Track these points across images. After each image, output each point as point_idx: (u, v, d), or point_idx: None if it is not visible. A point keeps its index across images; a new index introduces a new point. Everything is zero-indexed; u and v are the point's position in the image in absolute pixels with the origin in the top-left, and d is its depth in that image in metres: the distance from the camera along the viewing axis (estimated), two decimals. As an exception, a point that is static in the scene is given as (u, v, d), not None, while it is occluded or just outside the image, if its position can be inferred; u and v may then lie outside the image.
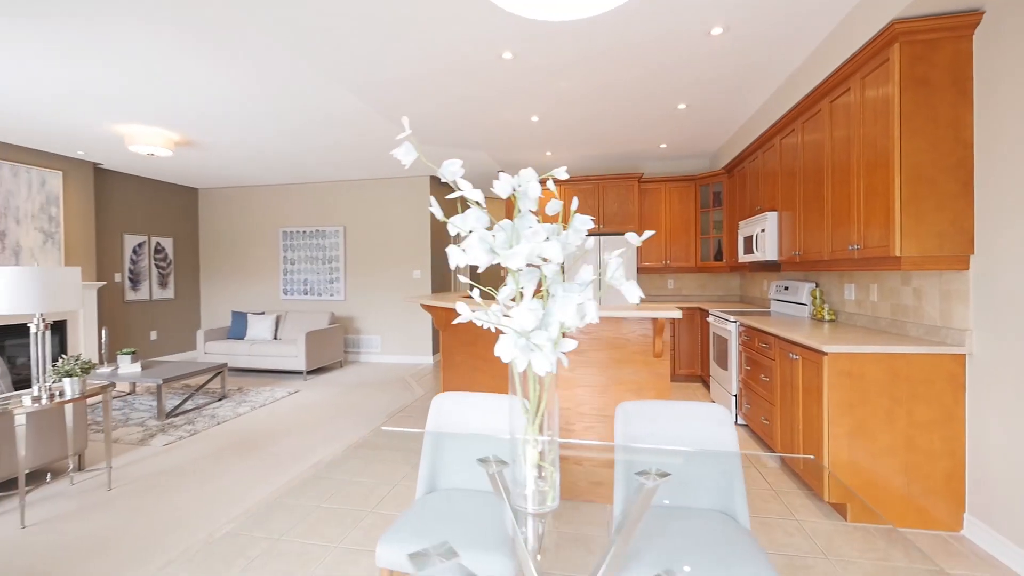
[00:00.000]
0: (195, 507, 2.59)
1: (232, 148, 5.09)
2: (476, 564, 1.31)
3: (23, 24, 2.58)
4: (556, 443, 1.18)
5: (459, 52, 2.96)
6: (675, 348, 5.34)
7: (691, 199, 5.55)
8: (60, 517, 2.51)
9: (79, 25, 2.59)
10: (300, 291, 7.05)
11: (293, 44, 2.83)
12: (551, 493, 1.13)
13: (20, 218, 4.95)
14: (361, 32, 2.71)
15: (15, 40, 2.75)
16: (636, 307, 2.38)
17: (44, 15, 2.50)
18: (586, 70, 3.23)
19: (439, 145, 5.06)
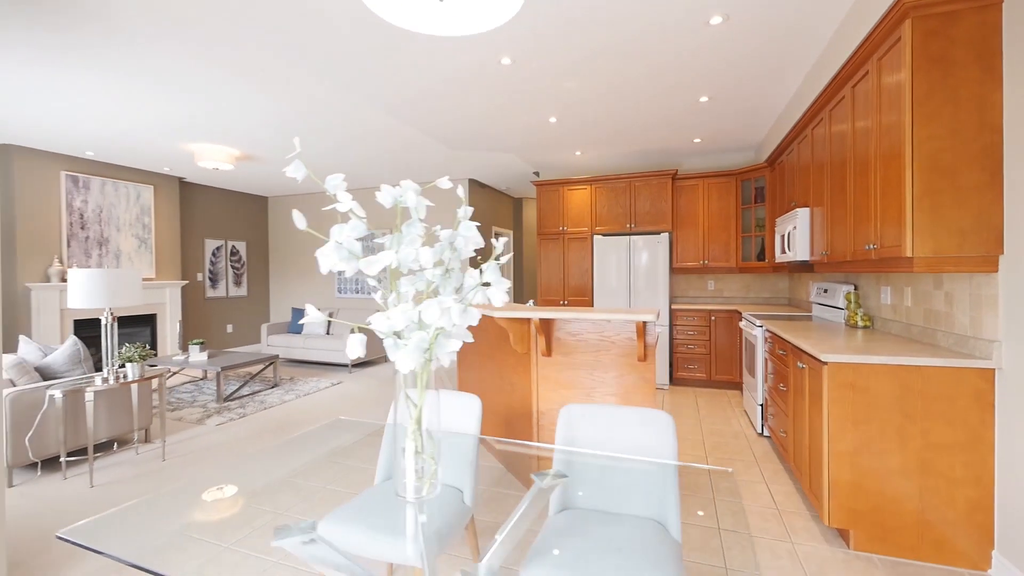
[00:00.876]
0: (227, 479, 2.92)
1: (286, 161, 5.60)
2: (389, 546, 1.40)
3: (116, 72, 3.07)
4: (436, 437, 1.24)
5: (458, 62, 3.06)
6: (711, 353, 5.07)
7: (731, 195, 5.24)
8: (120, 480, 2.96)
9: (159, 67, 3.03)
10: (352, 290, 7.57)
11: (332, 76, 3.09)
12: (429, 483, 1.19)
13: (120, 226, 5.81)
14: (383, 61, 2.90)
15: (117, 83, 3.27)
16: (610, 309, 2.33)
17: (129, 67, 2.95)
18: (589, 69, 3.20)
19: (471, 149, 5.21)
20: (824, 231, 3.10)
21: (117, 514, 1.33)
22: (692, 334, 5.14)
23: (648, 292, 5.06)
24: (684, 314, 5.17)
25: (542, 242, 5.78)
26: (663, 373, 5.03)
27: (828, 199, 3.02)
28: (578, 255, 5.63)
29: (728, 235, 5.26)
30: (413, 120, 4.18)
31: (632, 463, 1.63)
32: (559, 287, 5.71)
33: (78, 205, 5.41)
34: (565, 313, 2.34)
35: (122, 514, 1.37)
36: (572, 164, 5.86)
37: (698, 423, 3.92)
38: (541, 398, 2.64)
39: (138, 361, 3.14)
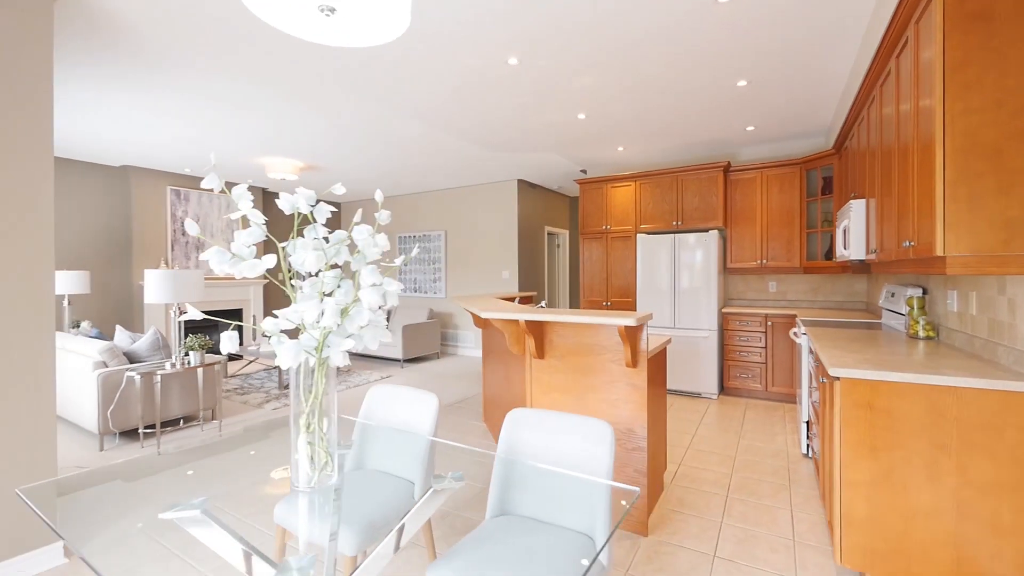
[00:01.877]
0: (263, 458, 3.25)
1: (347, 170, 6.05)
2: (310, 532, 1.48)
3: (201, 101, 3.58)
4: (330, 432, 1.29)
5: (469, 66, 3.10)
6: (767, 361, 4.60)
7: (795, 187, 4.71)
8: (182, 452, 3.42)
9: (233, 96, 3.48)
10: (412, 289, 7.97)
11: (360, 91, 3.33)
12: (318, 475, 1.25)
13: (213, 232, 6.68)
14: (393, 72, 3.05)
15: (201, 111, 3.81)
16: (593, 312, 2.22)
17: (210, 94, 3.42)
18: (602, 66, 3.07)
19: (511, 150, 5.24)
20: (876, 225, 2.68)
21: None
22: (746, 340, 4.71)
23: (696, 294, 4.72)
24: (737, 318, 4.75)
25: (585, 242, 5.64)
26: (710, 382, 4.66)
27: (879, 189, 2.61)
28: (621, 255, 5.42)
29: (791, 231, 4.74)
30: (442, 125, 4.31)
31: (571, 466, 1.55)
32: (602, 288, 5.53)
33: (180, 214, 6.31)
34: (545, 316, 2.28)
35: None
36: (617, 160, 5.65)
37: (737, 438, 3.59)
38: (534, 400, 2.60)
39: (198, 350, 3.60)
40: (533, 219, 7.21)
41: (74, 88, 3.42)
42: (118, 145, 4.93)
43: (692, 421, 3.99)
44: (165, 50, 2.88)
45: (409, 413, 1.97)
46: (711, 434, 3.68)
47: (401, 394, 2.02)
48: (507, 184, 6.90)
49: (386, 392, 2.07)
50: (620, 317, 2.06)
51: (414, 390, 2.00)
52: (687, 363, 4.78)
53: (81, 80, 3.29)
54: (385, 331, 1.46)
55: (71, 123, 4.22)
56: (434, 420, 1.87)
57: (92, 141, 4.78)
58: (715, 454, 3.28)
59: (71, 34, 2.70)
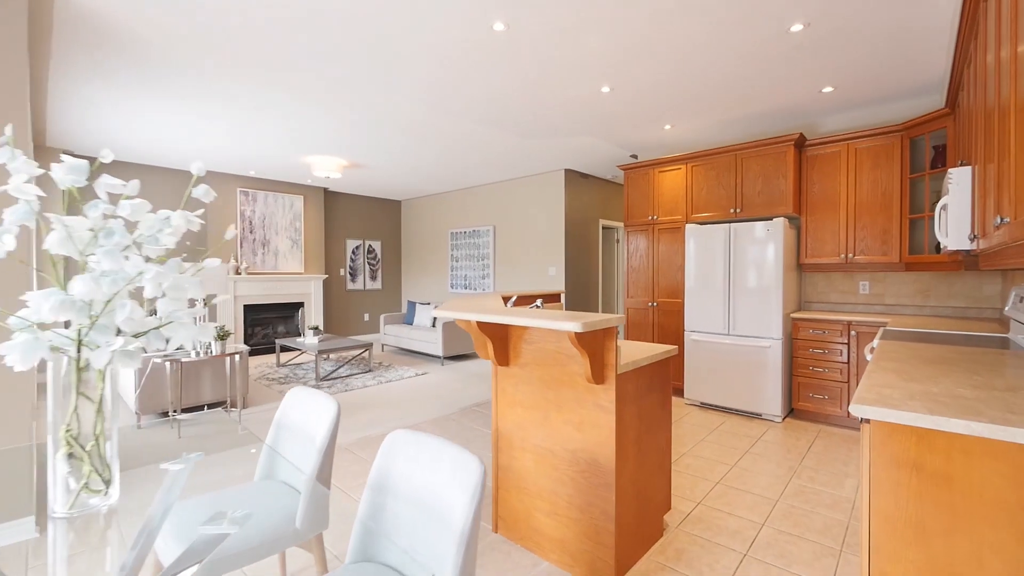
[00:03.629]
0: (257, 453, 3.26)
1: (391, 166, 6.08)
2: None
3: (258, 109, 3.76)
4: (108, 446, 1.07)
5: (447, 37, 2.79)
6: (848, 379, 3.70)
7: (894, 160, 3.71)
8: (199, 436, 3.57)
9: (279, 101, 3.60)
10: (461, 285, 7.87)
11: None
12: (76, 498, 1.03)
13: (278, 230, 7.14)
14: (380, 55, 2.87)
15: (252, 116, 4.01)
16: (541, 314, 1.78)
17: (258, 103, 3.57)
18: (606, 21, 2.57)
19: (542, 137, 4.84)
20: (979, 201, 1.89)
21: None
22: (822, 352, 3.83)
23: (756, 294, 3.94)
24: (809, 325, 3.88)
25: (630, 234, 5.04)
26: (773, 401, 3.86)
27: (982, 153, 1.83)
28: (669, 249, 4.74)
29: (887, 217, 3.75)
30: (443, 108, 4.05)
31: (430, 511, 1.20)
32: (647, 286, 4.90)
33: (248, 214, 6.82)
34: (475, 315, 1.90)
35: None
36: (665, 141, 4.96)
37: (789, 474, 2.87)
38: (499, 415, 2.22)
39: (218, 340, 3.74)
40: (584, 211, 6.69)
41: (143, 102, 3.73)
42: (191, 150, 5.40)
43: (737, 448, 3.30)
44: (217, 69, 2.96)
45: (307, 419, 1.74)
46: (756, 466, 2.98)
47: (304, 398, 1.79)
48: (553, 175, 6.47)
49: (299, 396, 1.84)
50: (567, 320, 1.62)
51: (311, 391, 1.76)
52: (743, 377, 4.01)
53: (158, 97, 3.56)
54: (206, 329, 1.22)
55: (155, 133, 4.65)
56: (329, 429, 1.61)
57: (169, 149, 5.28)
58: (751, 494, 2.62)
59: (124, 54, 2.88)
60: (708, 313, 4.22)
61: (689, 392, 4.35)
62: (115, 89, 3.58)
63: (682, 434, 3.59)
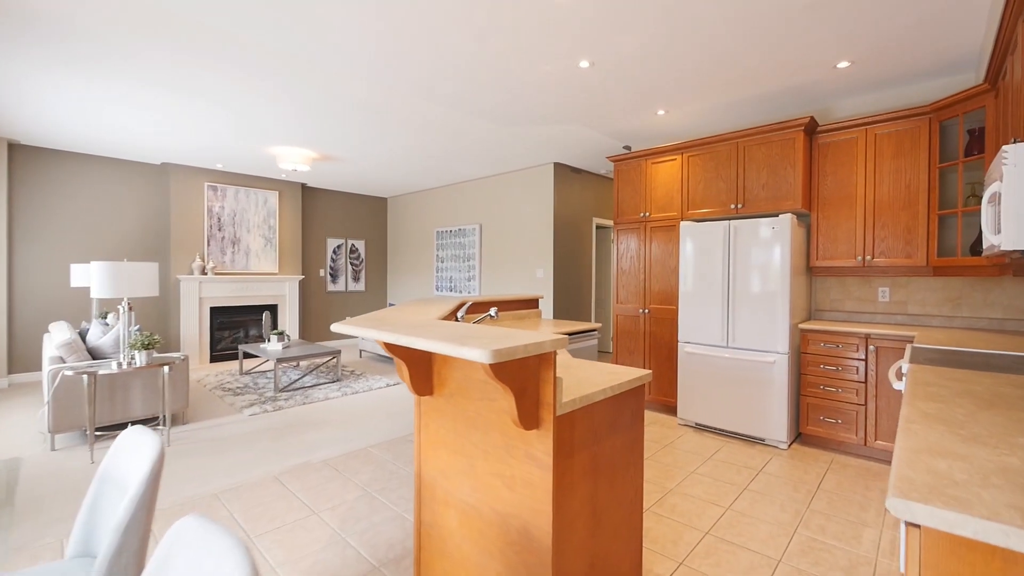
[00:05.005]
0: (195, 475, 2.82)
1: (366, 159, 5.64)
2: None
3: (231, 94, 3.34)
4: None
5: None
6: (866, 402, 3.19)
7: (920, 147, 3.20)
8: (118, 462, 3.13)
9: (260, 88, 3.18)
10: (447, 287, 7.42)
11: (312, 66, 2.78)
12: None
13: (250, 228, 6.73)
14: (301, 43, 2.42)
15: (228, 102, 3.60)
16: (437, 334, 1.31)
17: (119, 62, 3.15)
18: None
19: (522, 124, 4.37)
20: (1056, 183, 1.39)
21: None
22: (835, 369, 3.32)
23: (759, 301, 3.44)
24: (820, 337, 3.38)
25: (620, 233, 4.55)
26: (778, 425, 3.36)
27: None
28: (663, 249, 4.24)
29: (912, 214, 3.24)
30: (416, 93, 3.59)
31: None
32: (638, 291, 4.41)
33: (216, 210, 6.41)
34: (362, 330, 1.43)
35: None
36: (660, 129, 4.47)
37: (796, 521, 2.37)
38: (423, 457, 1.75)
39: (142, 349, 3.31)
40: (576, 209, 6.21)
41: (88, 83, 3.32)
42: (153, 141, 5.00)
43: (734, 484, 2.80)
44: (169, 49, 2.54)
45: (121, 460, 1.28)
46: (756, 510, 2.48)
47: (131, 443, 1.33)
48: (542, 169, 5.99)
49: (129, 439, 1.38)
50: (474, 345, 1.14)
51: (145, 434, 1.30)
52: (744, 396, 3.51)
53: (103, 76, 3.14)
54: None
55: (100, 120, 4.25)
56: (149, 470, 1.15)
57: (129, 139, 4.88)
58: (747, 551, 2.13)
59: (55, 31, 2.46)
60: (704, 322, 3.72)
61: (683, 411, 3.85)
62: (47, 72, 3.17)
63: (671, 464, 3.09)
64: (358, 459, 3.16)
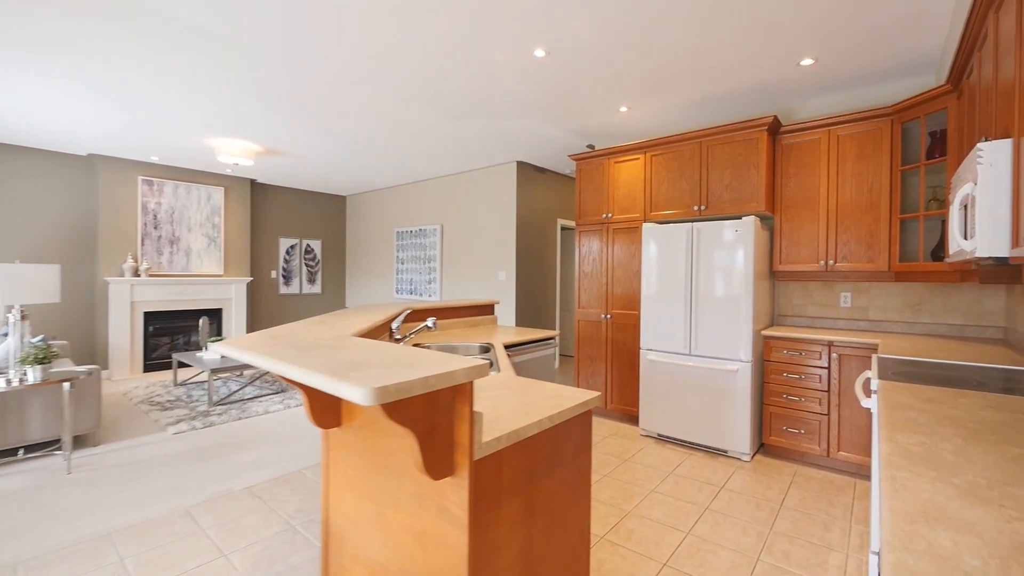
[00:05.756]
0: (90, 509, 2.42)
1: (317, 154, 5.27)
2: None
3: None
4: None
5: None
6: (829, 411, 3.08)
7: (882, 150, 3.12)
8: (7, 494, 2.70)
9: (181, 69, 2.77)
10: (407, 290, 7.09)
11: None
12: None
13: (191, 226, 6.23)
14: None
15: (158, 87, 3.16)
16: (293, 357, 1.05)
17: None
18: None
19: (479, 118, 4.12)
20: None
21: None
22: (798, 378, 3.21)
23: (722, 306, 3.30)
24: (783, 345, 3.26)
25: (582, 235, 4.36)
26: (741, 435, 3.22)
27: None
28: (626, 252, 4.07)
29: (875, 217, 3.16)
30: (348, 78, 3.29)
31: None
32: (600, 295, 4.22)
33: (152, 207, 5.89)
34: (243, 353, 1.16)
35: None
36: (623, 128, 4.30)
37: (760, 545, 2.20)
38: (331, 500, 1.48)
39: (35, 364, 2.88)
40: (540, 210, 6.00)
41: None
42: (74, 129, 4.48)
43: (695, 503, 2.62)
44: None
45: None
46: (717, 534, 2.31)
47: None
48: (504, 168, 5.76)
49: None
50: (356, 378, 0.88)
51: None
52: (707, 406, 3.36)
53: None
54: None
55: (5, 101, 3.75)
56: None
57: (43, 125, 4.36)
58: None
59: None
60: (667, 329, 3.56)
61: (645, 422, 3.68)
62: None
63: (630, 481, 2.90)
64: (288, 485, 2.83)
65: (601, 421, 4.08)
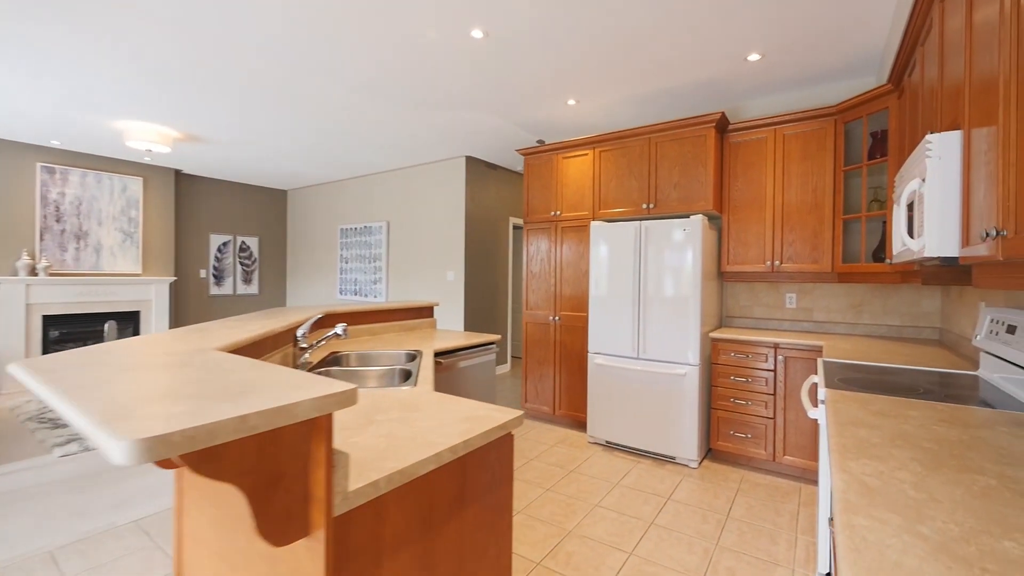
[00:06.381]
0: None
1: (247, 143, 4.81)
2: None
3: None
4: None
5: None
6: (775, 415, 3.02)
7: (825, 150, 3.10)
8: None
9: None
10: (351, 291, 6.68)
11: None
12: None
13: (102, 220, 5.58)
14: None
15: None
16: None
17: None
18: None
19: (422, 108, 3.84)
20: (988, 182, 1.13)
21: None
22: (745, 381, 3.13)
23: (671, 308, 3.18)
24: (731, 347, 3.18)
25: (530, 234, 4.17)
26: (688, 441, 3.11)
27: (972, 114, 1.06)
28: (574, 251, 3.91)
29: (819, 218, 3.13)
30: (257, 53, 2.96)
31: None
32: (548, 296, 4.04)
33: (54, 198, 5.23)
34: (28, 377, 0.86)
35: None
36: (573, 122, 4.15)
37: (705, 565, 2.05)
38: (184, 553, 1.18)
39: None
40: (491, 208, 5.78)
41: None
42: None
43: (640, 518, 2.47)
44: None
45: None
46: (663, 553, 2.15)
47: None
48: (453, 163, 5.50)
49: None
50: (118, 421, 0.62)
51: None
52: (655, 411, 3.24)
53: None
54: None
55: None
56: None
57: None
58: (649, 615, 1.76)
59: None
60: (615, 331, 3.42)
61: (593, 429, 3.52)
62: None
63: (574, 495, 2.72)
64: (187, 515, 2.46)
65: (550, 428, 3.90)
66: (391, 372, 1.92)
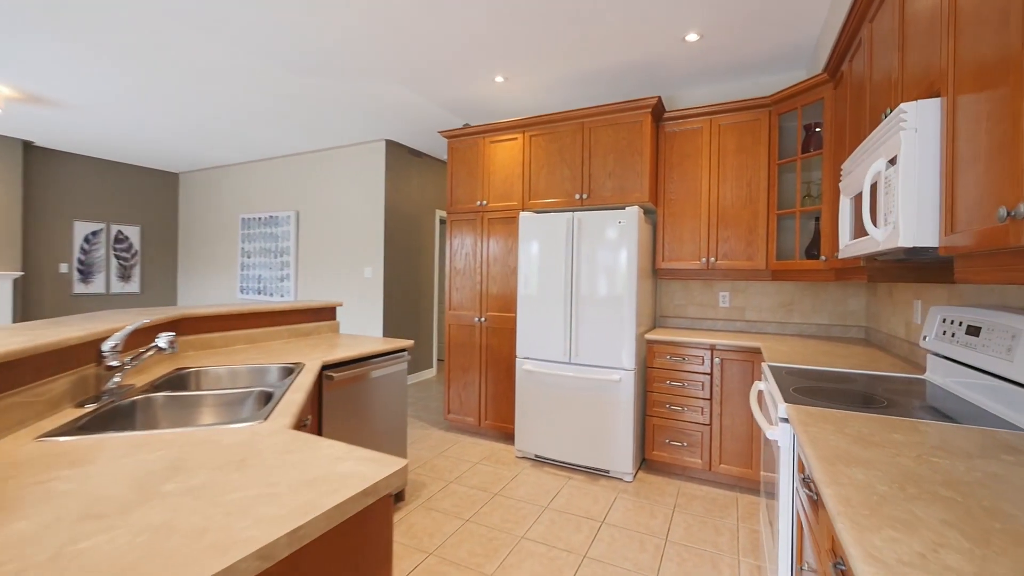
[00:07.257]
0: None
1: (113, 109, 3.94)
2: None
3: None
4: None
5: None
6: (711, 421, 2.84)
7: (760, 142, 2.98)
8: None
9: None
10: (254, 289, 5.87)
11: None
12: None
13: (-89, 198, 4.40)
14: None
15: None
16: None
17: None
18: None
19: (324, 74, 3.30)
20: (963, 165, 0.88)
21: None
22: (679, 386, 2.93)
23: (604, 307, 2.91)
24: (666, 349, 2.97)
25: (454, 225, 3.75)
26: (623, 453, 2.85)
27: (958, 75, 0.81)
28: (502, 245, 3.55)
29: (753, 212, 3.00)
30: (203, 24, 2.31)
31: None
32: (473, 295, 3.65)
33: None
34: None
35: None
36: (502, 103, 3.79)
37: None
38: None
39: None
40: (415, 198, 5.28)
41: None
42: None
43: (571, 550, 2.14)
44: None
45: None
46: (602, 572, 1.83)
47: None
48: (372, 147, 4.94)
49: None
50: None
51: None
52: (588, 421, 2.95)
53: None
54: None
55: None
56: None
57: None
58: None
59: None
60: (545, 333, 3.10)
61: (521, 442, 3.18)
62: None
63: (497, 526, 2.34)
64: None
65: (475, 442, 3.50)
66: (244, 397, 1.43)
